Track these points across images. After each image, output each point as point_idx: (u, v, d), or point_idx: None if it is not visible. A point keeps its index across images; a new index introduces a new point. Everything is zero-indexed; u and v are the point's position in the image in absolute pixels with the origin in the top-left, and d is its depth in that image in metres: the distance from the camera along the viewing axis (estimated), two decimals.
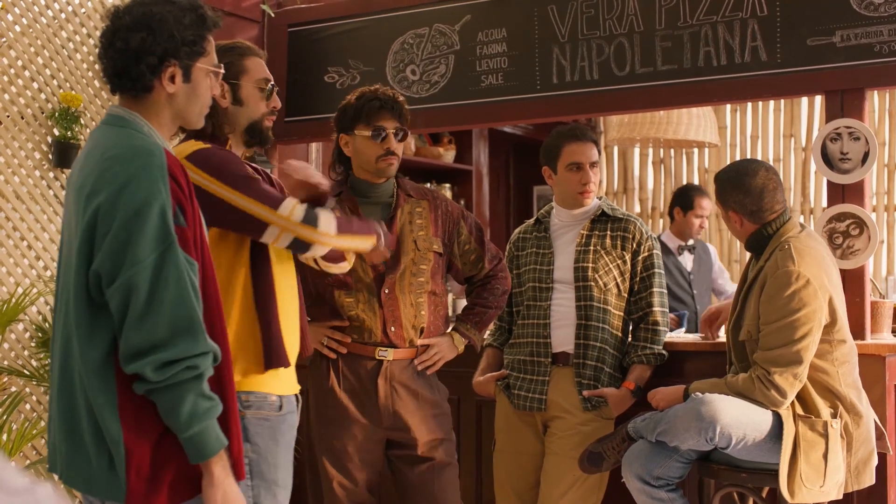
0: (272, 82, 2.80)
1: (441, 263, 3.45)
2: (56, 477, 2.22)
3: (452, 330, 3.52)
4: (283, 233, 2.58)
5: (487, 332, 4.05)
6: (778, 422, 3.25)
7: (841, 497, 3.31)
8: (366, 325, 3.32)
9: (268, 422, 2.60)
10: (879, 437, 3.45)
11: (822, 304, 3.26)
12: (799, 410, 3.27)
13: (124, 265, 2.01)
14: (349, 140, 3.41)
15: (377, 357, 3.34)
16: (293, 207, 2.61)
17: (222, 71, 2.35)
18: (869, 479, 3.35)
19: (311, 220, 2.65)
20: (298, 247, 2.64)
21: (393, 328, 3.32)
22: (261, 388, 2.61)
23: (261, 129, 2.78)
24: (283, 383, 2.66)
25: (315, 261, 2.80)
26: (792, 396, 3.25)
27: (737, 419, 3.21)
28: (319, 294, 3.34)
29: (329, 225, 2.64)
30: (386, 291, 3.31)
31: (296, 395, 2.71)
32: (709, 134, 6.01)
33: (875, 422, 3.42)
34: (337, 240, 2.67)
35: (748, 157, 6.93)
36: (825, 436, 3.23)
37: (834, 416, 3.27)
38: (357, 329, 3.34)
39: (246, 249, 2.63)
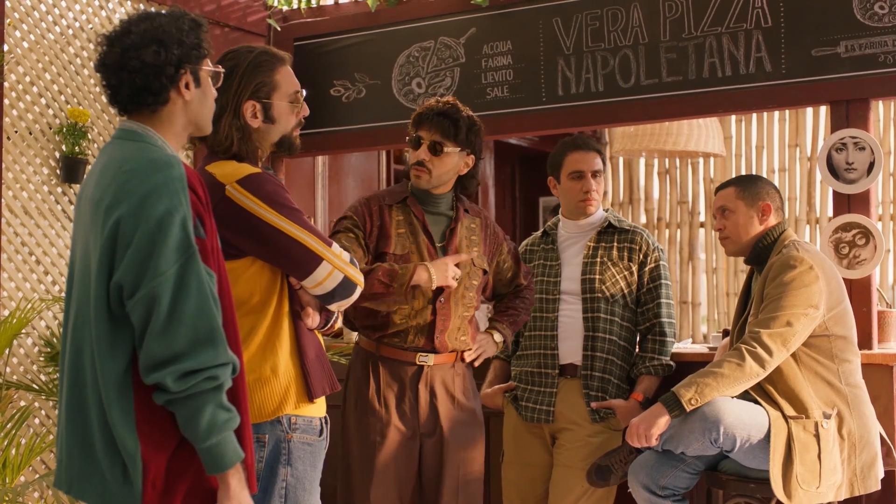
0: (300, 91, 2.74)
1: (483, 282, 3.45)
2: (61, 494, 2.23)
3: (489, 328, 3.52)
4: (335, 271, 2.58)
5: None
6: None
7: (841, 499, 3.31)
8: (413, 330, 3.28)
9: (310, 447, 2.63)
10: (887, 453, 3.45)
11: (822, 289, 3.28)
12: (790, 412, 3.26)
13: (146, 276, 2.02)
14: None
15: (418, 363, 3.31)
16: (341, 249, 2.63)
17: (222, 70, 2.36)
18: (875, 484, 3.35)
19: (355, 264, 2.67)
20: (344, 289, 2.62)
21: (439, 336, 3.30)
22: (307, 412, 2.63)
23: (291, 141, 2.74)
24: (319, 406, 2.68)
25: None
26: (777, 360, 3.23)
27: (740, 419, 3.21)
28: None
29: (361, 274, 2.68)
30: (441, 301, 3.29)
31: (325, 416, 2.73)
32: (714, 144, 6.02)
33: (881, 436, 3.42)
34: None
35: (753, 166, 6.94)
36: (817, 436, 3.23)
37: (827, 416, 3.27)
38: (401, 335, 3.29)
39: (286, 295, 2.62)
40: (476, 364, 3.45)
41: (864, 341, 3.76)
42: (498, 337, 3.49)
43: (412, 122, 3.39)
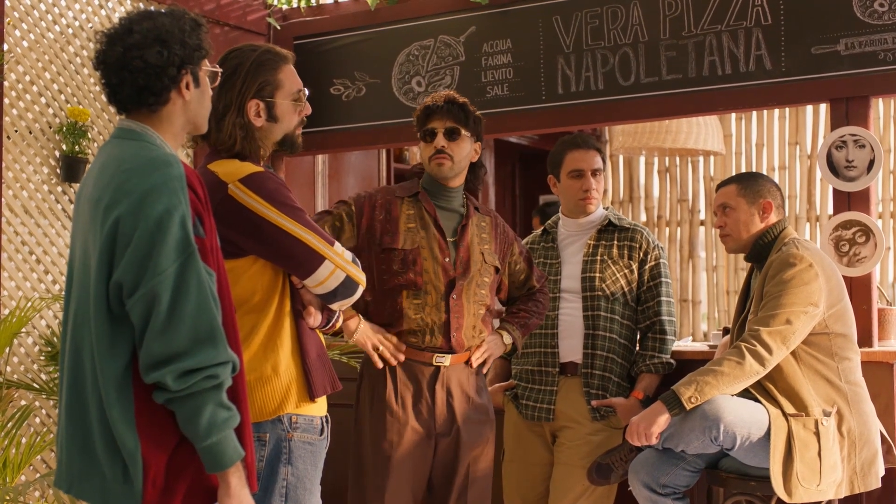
0: (303, 90, 2.74)
1: (496, 281, 3.45)
2: (62, 493, 2.22)
3: (499, 329, 3.51)
4: (337, 270, 2.58)
5: None
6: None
7: (842, 496, 3.31)
8: (428, 329, 3.28)
9: (311, 446, 2.62)
10: (887, 450, 3.45)
11: (821, 286, 3.28)
12: (790, 409, 3.26)
13: (146, 275, 2.02)
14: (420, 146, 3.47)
15: (434, 363, 3.30)
16: (343, 248, 2.63)
17: (220, 70, 2.36)
18: (875, 482, 3.35)
19: (357, 263, 2.66)
20: (346, 288, 2.62)
21: (455, 334, 3.30)
22: (308, 411, 2.63)
23: (293, 140, 2.74)
24: (320, 405, 2.68)
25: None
26: (777, 358, 3.23)
27: (740, 417, 3.21)
28: (385, 294, 3.30)
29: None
30: (454, 297, 3.29)
31: (326, 415, 2.73)
32: (714, 142, 6.02)
33: (882, 433, 3.42)
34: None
35: (753, 164, 6.95)
36: (817, 434, 3.24)
37: (827, 414, 3.27)
38: (417, 333, 3.29)
39: (287, 295, 2.62)
40: (484, 370, 3.43)
41: (865, 339, 3.77)
42: (507, 338, 3.46)
43: (420, 118, 3.40)
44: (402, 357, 3.27)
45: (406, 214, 3.33)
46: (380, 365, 3.28)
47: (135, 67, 2.16)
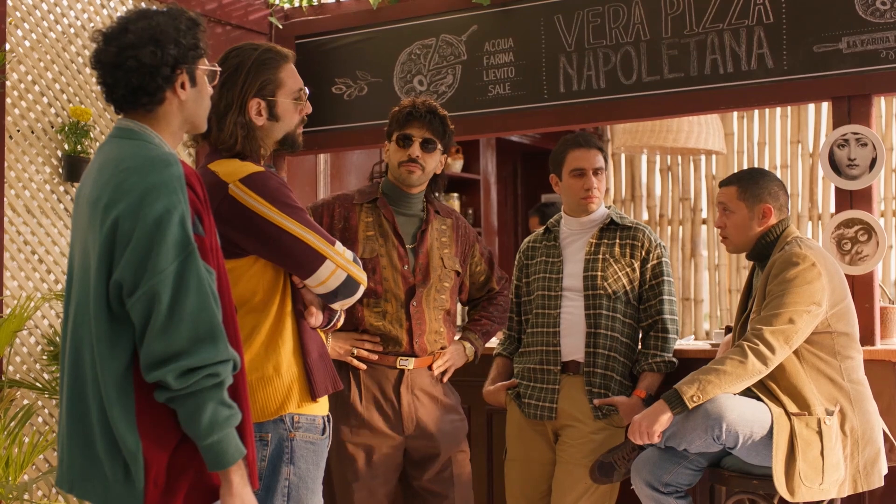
0: (304, 89, 2.74)
1: (457, 284, 3.47)
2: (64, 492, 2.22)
3: (461, 339, 3.53)
4: (338, 270, 2.58)
5: (497, 341, 4.07)
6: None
7: (844, 495, 3.31)
8: (391, 336, 3.31)
9: (313, 445, 2.63)
10: (890, 449, 3.45)
11: (824, 286, 3.28)
12: (793, 408, 3.26)
13: (146, 274, 2.03)
14: (387, 146, 3.46)
15: (398, 366, 3.33)
16: (344, 248, 2.63)
17: (219, 69, 2.36)
18: (878, 480, 3.35)
19: (358, 262, 2.66)
20: (347, 288, 2.62)
21: (417, 340, 3.33)
22: (310, 410, 2.63)
23: (294, 139, 2.74)
24: (322, 405, 2.68)
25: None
26: (779, 357, 3.22)
27: (742, 415, 3.21)
28: None
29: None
30: (414, 304, 3.31)
31: (328, 415, 2.73)
32: (715, 141, 6.02)
33: (884, 432, 3.42)
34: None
35: (755, 163, 6.94)
36: (819, 433, 3.23)
37: (830, 413, 3.27)
38: (380, 340, 3.32)
39: (288, 294, 2.62)
40: (444, 379, 3.45)
41: (867, 338, 3.76)
42: (469, 349, 3.52)
43: (399, 120, 3.40)
44: (379, 348, 3.31)
45: (364, 222, 3.35)
46: (362, 367, 3.31)
47: (129, 67, 2.16)
